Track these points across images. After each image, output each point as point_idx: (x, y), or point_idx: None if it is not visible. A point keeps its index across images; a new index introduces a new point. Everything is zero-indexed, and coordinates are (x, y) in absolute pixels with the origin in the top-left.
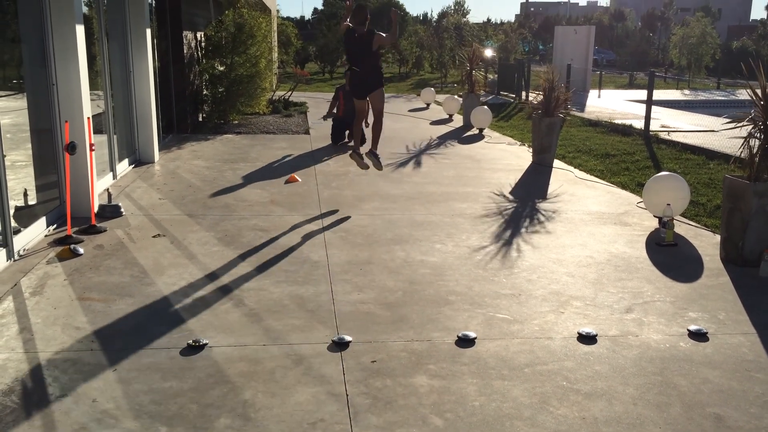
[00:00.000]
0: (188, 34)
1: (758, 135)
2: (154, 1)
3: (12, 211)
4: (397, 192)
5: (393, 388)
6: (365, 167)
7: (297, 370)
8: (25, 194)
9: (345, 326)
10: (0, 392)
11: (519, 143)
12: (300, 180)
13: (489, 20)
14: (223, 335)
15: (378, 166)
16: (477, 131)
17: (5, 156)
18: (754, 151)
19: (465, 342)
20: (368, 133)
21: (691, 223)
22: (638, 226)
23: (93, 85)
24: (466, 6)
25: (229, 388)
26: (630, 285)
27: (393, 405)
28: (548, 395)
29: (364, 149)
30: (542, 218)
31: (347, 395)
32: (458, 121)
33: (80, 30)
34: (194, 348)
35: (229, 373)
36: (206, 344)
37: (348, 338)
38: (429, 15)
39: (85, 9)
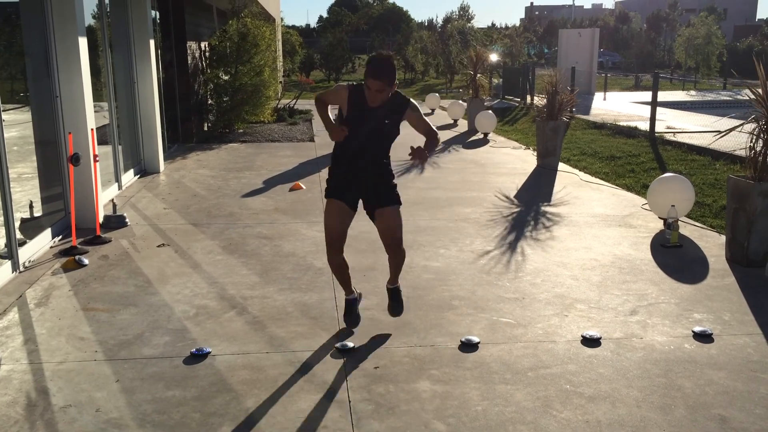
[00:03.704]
0: (192, 44)
1: (762, 135)
2: (157, 13)
3: (18, 223)
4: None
5: (396, 393)
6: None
7: (300, 378)
8: (31, 206)
9: (348, 333)
10: (4, 403)
11: (524, 147)
12: (304, 187)
13: (493, 24)
14: (226, 343)
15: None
16: (482, 136)
17: (11, 169)
18: (758, 150)
19: (468, 347)
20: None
21: (696, 224)
22: (643, 227)
23: (97, 97)
24: (470, 11)
25: (232, 396)
26: (634, 287)
27: (395, 411)
28: (551, 399)
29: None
30: (547, 222)
31: (350, 402)
32: (463, 125)
33: (83, 42)
34: (197, 357)
35: (232, 381)
36: (209, 353)
37: (351, 344)
38: (434, 21)
39: (88, 21)
